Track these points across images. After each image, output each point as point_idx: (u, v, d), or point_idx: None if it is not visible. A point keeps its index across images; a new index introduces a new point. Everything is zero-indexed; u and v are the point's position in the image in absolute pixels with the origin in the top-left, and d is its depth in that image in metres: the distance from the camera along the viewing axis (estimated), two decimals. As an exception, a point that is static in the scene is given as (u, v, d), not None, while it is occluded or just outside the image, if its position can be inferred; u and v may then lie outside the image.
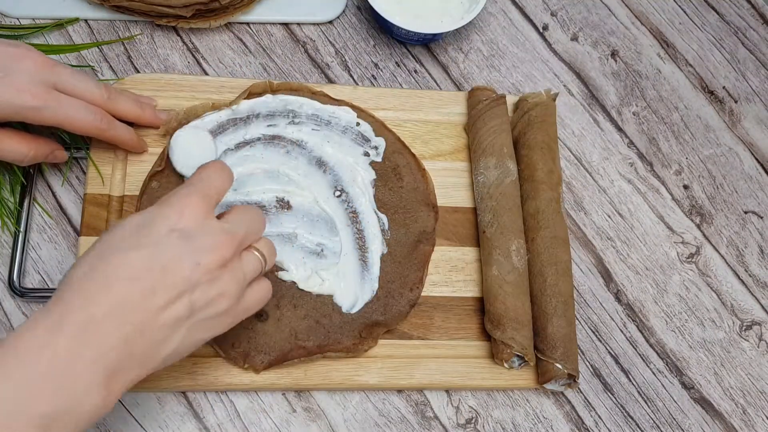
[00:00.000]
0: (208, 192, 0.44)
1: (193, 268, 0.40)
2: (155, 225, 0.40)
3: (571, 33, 0.70)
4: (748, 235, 0.65)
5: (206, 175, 0.45)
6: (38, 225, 0.57)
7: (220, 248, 0.41)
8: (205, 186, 0.44)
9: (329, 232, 0.57)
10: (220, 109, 0.59)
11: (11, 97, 0.47)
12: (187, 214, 0.41)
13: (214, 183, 0.45)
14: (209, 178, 0.45)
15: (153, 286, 0.38)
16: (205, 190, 0.44)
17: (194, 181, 0.44)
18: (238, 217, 0.45)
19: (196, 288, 0.40)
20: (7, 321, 0.55)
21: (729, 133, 0.68)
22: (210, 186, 0.44)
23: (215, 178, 0.45)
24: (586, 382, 0.59)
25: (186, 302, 0.40)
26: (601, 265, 0.63)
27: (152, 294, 0.38)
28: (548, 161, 0.60)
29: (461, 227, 0.60)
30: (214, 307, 0.41)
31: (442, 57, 0.67)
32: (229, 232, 0.43)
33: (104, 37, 0.63)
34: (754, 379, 0.61)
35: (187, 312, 0.40)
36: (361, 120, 0.61)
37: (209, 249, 0.41)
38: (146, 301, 0.38)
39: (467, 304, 0.58)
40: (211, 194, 0.44)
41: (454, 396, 0.57)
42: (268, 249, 0.46)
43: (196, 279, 0.40)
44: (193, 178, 0.45)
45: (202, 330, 0.42)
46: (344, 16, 0.67)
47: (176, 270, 0.39)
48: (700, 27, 0.72)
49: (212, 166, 0.46)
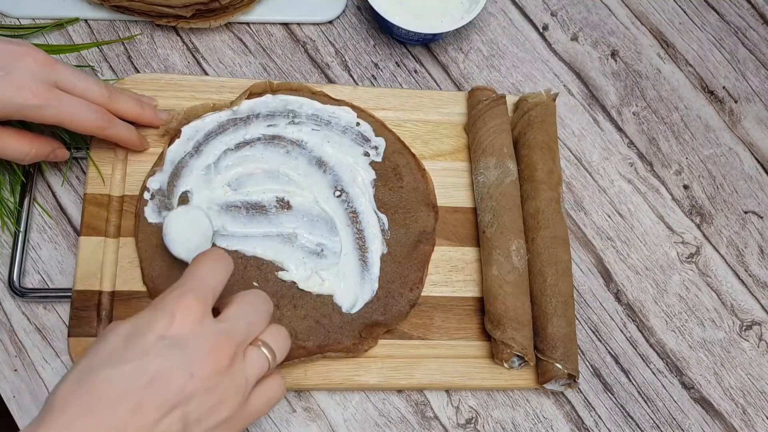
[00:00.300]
0: (202, 291, 0.40)
1: (186, 379, 0.37)
2: (143, 334, 0.38)
3: (571, 33, 0.70)
4: (748, 235, 0.65)
5: (200, 272, 0.42)
6: (38, 225, 0.57)
7: (216, 354, 0.38)
8: (198, 284, 0.40)
9: (329, 232, 0.57)
10: (220, 109, 0.59)
11: (12, 95, 0.47)
12: (179, 318, 0.38)
13: (209, 280, 0.41)
14: (203, 276, 0.41)
15: (140, 402, 0.36)
16: (200, 290, 0.40)
17: (186, 280, 0.41)
18: (238, 310, 0.41)
19: (191, 400, 0.37)
20: (7, 321, 0.55)
21: (729, 133, 0.68)
22: (205, 285, 0.41)
23: (209, 274, 0.42)
24: (586, 382, 0.59)
25: (179, 416, 0.37)
26: (601, 265, 0.63)
27: (140, 410, 0.36)
28: (548, 161, 0.60)
29: (461, 227, 0.60)
30: (213, 417, 0.38)
31: (442, 57, 0.67)
32: (226, 333, 0.39)
33: (104, 37, 0.63)
34: (754, 379, 0.61)
35: (181, 428, 0.37)
36: (361, 120, 0.61)
37: (203, 356, 0.38)
38: (136, 418, 0.36)
39: (467, 304, 0.58)
40: (206, 293, 0.40)
41: (454, 396, 0.57)
42: (276, 340, 0.42)
43: (190, 391, 0.37)
44: (185, 276, 0.41)
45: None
46: (344, 16, 0.67)
47: (166, 383, 0.37)
48: (700, 27, 0.72)
49: (206, 259, 0.43)
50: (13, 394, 0.53)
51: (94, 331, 0.53)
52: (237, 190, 0.57)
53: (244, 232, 0.56)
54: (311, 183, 0.58)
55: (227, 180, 0.57)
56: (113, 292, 0.54)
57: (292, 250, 0.56)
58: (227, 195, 0.57)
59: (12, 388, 0.53)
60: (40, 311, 0.55)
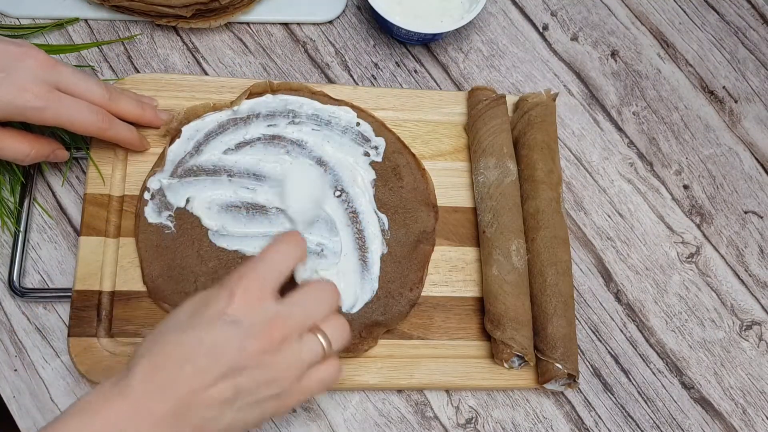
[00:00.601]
0: (267, 274, 0.43)
1: (239, 352, 0.40)
2: (208, 308, 0.41)
3: (571, 33, 0.70)
4: (748, 234, 0.65)
5: (269, 254, 0.44)
6: (38, 225, 0.57)
7: (269, 333, 0.41)
8: (263, 266, 0.43)
9: (329, 232, 0.57)
10: (220, 109, 0.59)
11: (14, 97, 0.47)
12: (237, 298, 0.41)
13: (276, 263, 0.44)
14: (271, 258, 0.44)
15: (198, 367, 0.40)
16: (264, 273, 0.43)
17: (255, 260, 0.44)
18: (300, 297, 0.44)
19: (242, 372, 0.40)
20: (7, 321, 0.55)
21: (729, 133, 0.68)
22: (270, 267, 0.44)
23: (279, 258, 0.44)
24: (586, 382, 0.59)
25: (231, 385, 0.40)
26: (601, 265, 0.63)
27: (198, 373, 0.40)
28: (548, 161, 0.60)
29: (461, 227, 0.60)
30: (264, 390, 0.42)
31: (442, 57, 0.67)
32: (282, 316, 0.42)
33: (104, 37, 0.63)
34: (754, 379, 0.61)
35: (233, 394, 0.40)
36: (361, 120, 0.61)
37: (256, 334, 0.41)
38: (193, 380, 0.39)
39: (467, 304, 0.58)
40: (269, 276, 0.43)
41: (454, 396, 0.57)
42: (334, 330, 0.45)
43: (242, 364, 0.40)
44: (257, 256, 0.44)
45: (257, 412, 0.42)
46: (344, 16, 0.67)
47: (221, 353, 0.40)
48: (700, 27, 0.72)
49: (279, 242, 0.45)
50: (13, 394, 0.53)
51: (94, 331, 0.53)
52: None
53: (244, 232, 0.56)
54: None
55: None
56: (113, 292, 0.54)
57: (292, 250, 0.56)
58: (226, 194, 0.57)
59: (12, 388, 0.53)
60: (40, 311, 0.55)
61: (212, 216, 0.56)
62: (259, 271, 0.43)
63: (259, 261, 0.44)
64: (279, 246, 0.45)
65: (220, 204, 0.57)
